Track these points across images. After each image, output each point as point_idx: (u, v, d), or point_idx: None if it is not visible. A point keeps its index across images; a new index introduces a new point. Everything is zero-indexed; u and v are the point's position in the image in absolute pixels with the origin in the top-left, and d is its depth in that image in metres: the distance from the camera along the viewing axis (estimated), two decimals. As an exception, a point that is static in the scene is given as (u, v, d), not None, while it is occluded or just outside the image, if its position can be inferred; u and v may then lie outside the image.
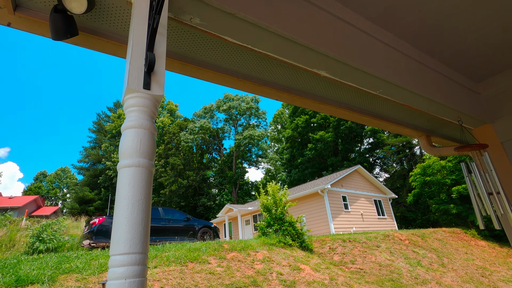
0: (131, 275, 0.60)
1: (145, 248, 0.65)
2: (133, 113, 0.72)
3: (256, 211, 18.58)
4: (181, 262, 6.83)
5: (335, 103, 1.92)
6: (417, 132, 2.55)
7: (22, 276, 5.14)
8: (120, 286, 0.59)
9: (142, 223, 0.64)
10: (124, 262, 0.60)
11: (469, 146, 1.82)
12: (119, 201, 0.65)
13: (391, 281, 8.38)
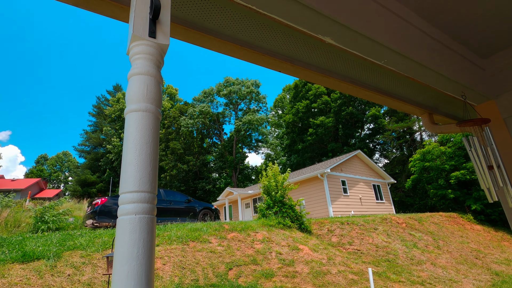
0: (140, 211, 0.62)
1: (153, 188, 0.66)
2: (139, 60, 0.72)
3: (256, 194, 18.81)
4: (182, 241, 6.99)
5: (339, 76, 1.90)
6: (420, 109, 2.53)
7: (28, 251, 5.28)
8: (130, 221, 0.61)
9: (151, 165, 0.65)
10: (134, 199, 0.62)
11: (472, 120, 1.82)
12: (127, 145, 0.66)
13: (387, 261, 8.60)
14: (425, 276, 8.04)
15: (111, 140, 41.48)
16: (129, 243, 0.59)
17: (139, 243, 0.59)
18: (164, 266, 5.89)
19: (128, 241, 0.59)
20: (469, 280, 8.43)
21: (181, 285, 5.45)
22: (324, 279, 6.67)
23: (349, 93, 2.16)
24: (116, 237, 0.62)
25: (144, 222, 0.62)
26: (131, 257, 0.58)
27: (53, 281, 4.70)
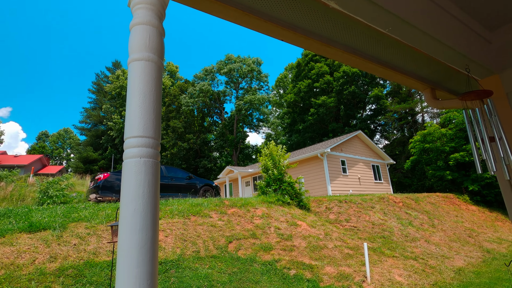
0: (145, 155, 0.64)
1: (157, 135, 0.68)
2: (141, 10, 0.71)
3: (256, 173, 19.04)
4: (184, 215, 7.18)
5: (342, 46, 1.87)
6: (422, 84, 2.51)
7: (35, 222, 5.44)
8: (136, 163, 0.63)
9: (154, 112, 0.67)
10: (139, 143, 0.64)
11: (474, 92, 1.81)
12: (131, 93, 0.67)
13: (382, 238, 8.86)
14: (418, 252, 8.31)
15: (112, 117, 41.38)
16: (135, 183, 0.61)
17: (145, 184, 0.62)
18: (166, 238, 6.09)
19: (134, 182, 0.61)
20: (460, 256, 8.73)
21: (183, 256, 5.67)
22: (321, 253, 6.91)
23: (352, 65, 2.13)
24: (122, 180, 0.65)
25: (149, 165, 0.64)
26: (137, 196, 0.61)
27: (60, 250, 4.89)
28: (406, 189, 23.86)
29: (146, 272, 0.62)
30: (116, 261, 0.65)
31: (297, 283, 5.56)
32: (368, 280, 5.97)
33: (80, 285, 4.25)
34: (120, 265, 0.63)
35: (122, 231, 0.62)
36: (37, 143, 59.98)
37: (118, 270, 0.63)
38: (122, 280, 0.61)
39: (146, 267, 0.62)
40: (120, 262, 0.63)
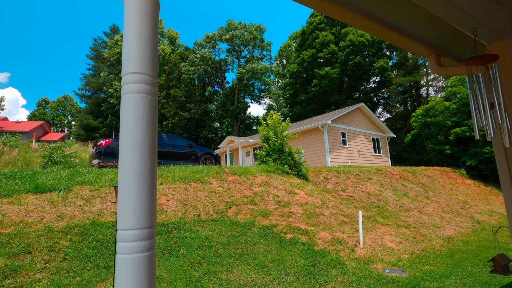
0: (142, 91, 0.66)
1: (154, 73, 0.69)
2: None
3: (257, 143, 19.17)
4: (185, 181, 7.36)
5: (347, 4, 1.80)
6: (428, 49, 2.45)
7: (40, 184, 5.60)
8: (133, 98, 0.65)
9: (151, 50, 0.67)
10: (136, 79, 0.66)
11: (479, 56, 1.78)
12: (127, 30, 0.67)
13: (377, 207, 9.15)
14: (411, 221, 8.62)
15: (112, 83, 40.77)
16: (133, 117, 0.64)
17: (142, 118, 0.64)
18: (168, 202, 6.30)
19: (132, 116, 0.64)
20: (451, 226, 9.06)
21: (184, 219, 5.90)
22: (317, 220, 7.18)
23: (356, 26, 2.07)
24: (121, 115, 0.67)
25: (146, 101, 0.66)
26: (135, 129, 0.63)
27: (66, 210, 5.09)
28: (405, 163, 24.14)
29: (147, 198, 0.67)
30: (118, 190, 0.69)
31: (292, 246, 5.85)
32: (360, 245, 6.26)
33: (87, 243, 4.48)
34: (121, 192, 0.67)
35: (122, 161, 0.66)
36: (38, 109, 59.74)
37: (119, 197, 0.68)
38: (124, 205, 0.66)
39: (146, 193, 0.66)
40: (121, 189, 0.67)
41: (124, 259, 0.66)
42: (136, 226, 0.66)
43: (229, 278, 4.49)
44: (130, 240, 0.66)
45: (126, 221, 0.66)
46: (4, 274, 3.50)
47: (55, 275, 3.70)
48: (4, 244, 3.93)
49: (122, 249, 0.67)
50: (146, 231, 0.68)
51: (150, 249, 0.68)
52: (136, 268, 0.64)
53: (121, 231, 0.68)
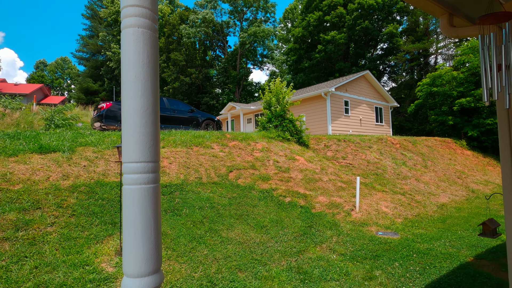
0: (143, 25, 0.65)
1: (154, 7, 0.68)
2: None
3: (258, 110, 19.03)
4: (186, 145, 7.44)
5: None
6: (441, 8, 2.33)
7: (44, 144, 5.68)
8: (134, 32, 0.64)
9: None
10: (136, 13, 0.65)
11: (493, 14, 1.69)
12: None
13: (375, 175, 9.33)
14: (407, 188, 8.84)
15: (110, 46, 39.48)
16: (134, 51, 0.63)
17: (144, 53, 0.64)
18: (170, 165, 6.44)
19: (133, 50, 0.63)
20: (446, 194, 9.31)
21: (186, 181, 6.07)
22: (315, 185, 7.37)
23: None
24: (122, 50, 0.66)
25: (147, 36, 0.65)
26: (136, 64, 0.63)
27: (71, 170, 5.22)
28: (406, 133, 24.12)
29: (150, 133, 0.69)
30: (122, 126, 0.71)
31: (291, 209, 6.07)
32: (356, 209, 6.49)
33: (93, 200, 4.66)
34: (125, 127, 0.69)
35: (125, 97, 0.67)
36: (36, 72, 58.56)
37: (124, 132, 0.70)
38: (128, 139, 0.68)
39: (150, 129, 0.68)
40: (125, 124, 0.69)
41: (130, 189, 0.69)
42: (140, 159, 0.69)
43: (230, 236, 4.73)
44: (135, 172, 0.69)
45: (131, 154, 0.69)
46: (17, 227, 3.69)
47: (64, 229, 3.91)
48: (14, 200, 4.10)
49: (128, 180, 0.70)
50: (150, 164, 0.70)
51: (155, 182, 0.71)
52: (142, 198, 0.67)
53: (127, 163, 0.71)
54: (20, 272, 3.12)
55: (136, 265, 0.64)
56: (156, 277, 0.67)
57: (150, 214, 0.66)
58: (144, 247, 0.65)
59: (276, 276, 3.88)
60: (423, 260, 4.39)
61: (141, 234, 0.65)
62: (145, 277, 0.65)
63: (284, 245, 4.77)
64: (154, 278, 0.66)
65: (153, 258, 0.66)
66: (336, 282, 3.80)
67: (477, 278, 3.71)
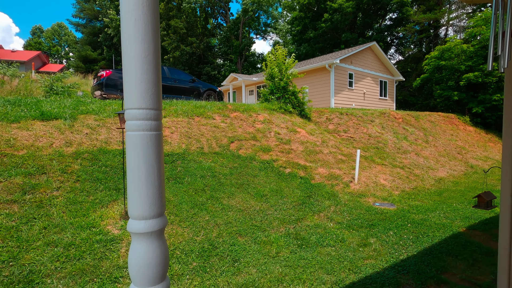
0: None
1: None
2: None
3: (261, 82, 18.70)
4: (188, 115, 7.42)
5: None
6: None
7: (45, 111, 5.68)
8: None
9: None
10: None
11: (511, -26, 1.59)
12: None
13: (375, 148, 9.37)
14: (406, 162, 8.92)
15: (107, 12, 37.94)
16: None
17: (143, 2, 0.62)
18: (172, 135, 6.46)
19: None
20: (445, 169, 9.41)
21: (187, 151, 6.13)
22: (316, 157, 7.44)
23: None
24: None
25: None
26: (136, 7, 0.61)
27: (73, 137, 5.26)
28: (410, 108, 23.84)
29: (152, 80, 0.69)
30: (123, 72, 0.70)
31: (291, 179, 6.19)
32: (355, 181, 6.61)
33: (97, 167, 4.74)
34: (126, 74, 0.68)
35: (125, 43, 0.65)
36: (32, 38, 56.89)
37: (125, 79, 0.69)
38: (130, 86, 0.67)
39: (151, 76, 0.68)
40: (126, 71, 0.68)
41: (134, 136, 0.70)
42: (143, 106, 0.69)
43: (230, 203, 4.86)
44: (137, 119, 0.70)
45: (133, 100, 0.69)
46: (24, 190, 3.80)
47: (70, 194, 4.02)
48: (19, 165, 4.18)
49: (131, 126, 0.71)
50: (152, 112, 0.71)
51: (157, 130, 0.72)
52: (144, 144, 0.68)
53: (129, 110, 0.71)
54: (30, 232, 3.26)
55: (141, 208, 0.67)
56: (160, 220, 0.70)
57: (153, 160, 0.68)
58: (148, 191, 0.67)
59: (274, 241, 4.05)
60: (417, 229, 4.54)
61: (145, 178, 0.67)
62: (150, 220, 0.68)
63: (283, 213, 4.92)
64: (158, 221, 0.70)
65: (156, 202, 0.69)
66: (332, 247, 3.97)
67: (467, 246, 3.86)
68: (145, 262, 0.67)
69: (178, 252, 3.55)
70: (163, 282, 0.73)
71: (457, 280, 3.07)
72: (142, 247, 0.68)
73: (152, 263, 0.68)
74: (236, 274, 3.28)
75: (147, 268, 0.67)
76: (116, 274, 3.06)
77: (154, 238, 0.70)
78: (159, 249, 0.70)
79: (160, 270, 0.69)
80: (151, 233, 0.69)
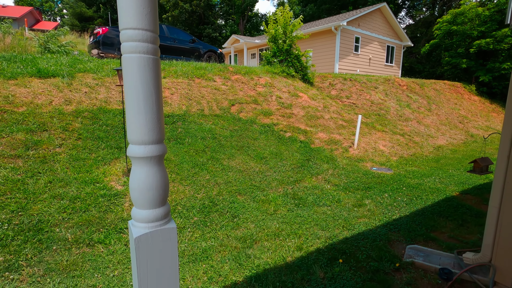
0: None
1: None
2: None
3: (263, 45, 18.02)
4: (188, 77, 7.26)
5: None
6: None
7: (42, 69, 5.55)
8: None
9: None
10: None
11: None
12: None
13: (377, 115, 9.31)
14: (407, 130, 8.92)
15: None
16: None
17: None
18: (172, 96, 6.38)
19: None
20: (445, 137, 9.43)
21: (188, 113, 6.09)
22: (316, 122, 7.42)
23: None
24: None
25: None
26: None
27: (72, 96, 5.20)
28: (416, 75, 23.24)
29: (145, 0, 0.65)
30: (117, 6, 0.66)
31: (290, 143, 6.23)
32: (354, 146, 6.66)
33: (98, 126, 4.76)
34: None
35: None
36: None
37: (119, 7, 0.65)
38: (122, 2, 0.64)
39: None
40: None
41: (130, 58, 0.69)
42: (138, 26, 0.67)
43: (231, 164, 4.95)
44: (133, 40, 0.68)
45: (128, 19, 0.66)
46: (27, 146, 3.85)
47: (72, 151, 4.08)
48: (20, 122, 4.19)
49: (127, 48, 0.69)
50: (149, 33, 0.68)
51: (154, 54, 0.70)
52: (141, 67, 0.67)
53: (124, 30, 0.69)
54: (36, 185, 3.36)
55: (140, 133, 0.68)
56: (159, 147, 0.71)
57: (151, 85, 0.67)
58: (146, 115, 0.67)
59: (273, 200, 4.19)
60: (411, 193, 4.68)
61: (143, 103, 0.66)
62: (149, 145, 0.69)
63: (282, 175, 5.03)
64: (157, 147, 0.71)
65: (155, 128, 0.69)
66: (328, 207, 4.12)
67: (459, 209, 4.00)
68: (146, 185, 0.70)
69: (180, 208, 3.69)
70: (164, 206, 0.76)
71: (445, 238, 3.23)
72: (142, 171, 0.70)
73: (152, 186, 0.70)
74: (235, 229, 3.44)
75: (148, 191, 0.70)
76: (121, 225, 3.22)
77: (153, 163, 0.72)
78: (159, 174, 0.72)
79: (160, 194, 0.72)
80: (150, 158, 0.70)
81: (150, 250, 0.73)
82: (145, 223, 0.73)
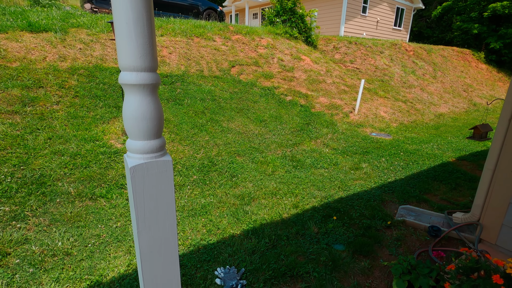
0: None
1: None
2: None
3: (266, 4, 17.03)
4: (187, 35, 6.96)
5: None
6: None
7: (33, 22, 5.28)
8: None
9: None
10: None
11: None
12: None
13: (380, 81, 9.10)
14: (410, 97, 8.78)
15: None
16: None
17: None
18: (170, 55, 6.17)
19: None
20: (447, 105, 9.32)
21: (187, 73, 5.94)
22: (318, 86, 7.27)
23: None
24: None
25: None
26: None
27: (67, 52, 5.02)
28: (424, 41, 22.30)
29: None
30: None
31: (291, 107, 6.17)
32: (355, 111, 6.60)
33: (94, 84, 4.65)
34: None
35: None
36: None
37: None
38: None
39: None
40: None
41: None
42: None
43: (230, 126, 4.94)
44: None
45: None
46: (23, 102, 3.80)
47: (70, 108, 4.04)
48: (15, 77, 4.08)
49: None
50: None
51: None
52: None
53: None
54: (35, 141, 3.37)
55: (132, 58, 0.65)
56: (152, 75, 0.69)
57: (141, 6, 0.62)
58: (137, 39, 0.64)
59: (271, 161, 4.25)
60: (408, 158, 4.73)
61: (133, 25, 0.63)
62: (141, 72, 0.67)
63: (281, 138, 5.05)
64: (150, 76, 0.69)
65: (148, 54, 0.67)
66: (325, 169, 4.19)
67: (453, 173, 4.08)
68: (139, 114, 0.69)
69: (179, 166, 3.75)
70: (159, 139, 0.76)
71: (437, 200, 3.33)
72: (135, 100, 0.69)
73: (146, 116, 0.69)
74: (234, 187, 3.53)
75: (141, 120, 0.69)
76: (122, 181, 3.29)
77: (147, 92, 0.70)
78: (153, 104, 0.70)
79: (155, 125, 0.71)
80: (143, 86, 0.68)
81: (146, 181, 0.74)
82: (140, 154, 0.73)
